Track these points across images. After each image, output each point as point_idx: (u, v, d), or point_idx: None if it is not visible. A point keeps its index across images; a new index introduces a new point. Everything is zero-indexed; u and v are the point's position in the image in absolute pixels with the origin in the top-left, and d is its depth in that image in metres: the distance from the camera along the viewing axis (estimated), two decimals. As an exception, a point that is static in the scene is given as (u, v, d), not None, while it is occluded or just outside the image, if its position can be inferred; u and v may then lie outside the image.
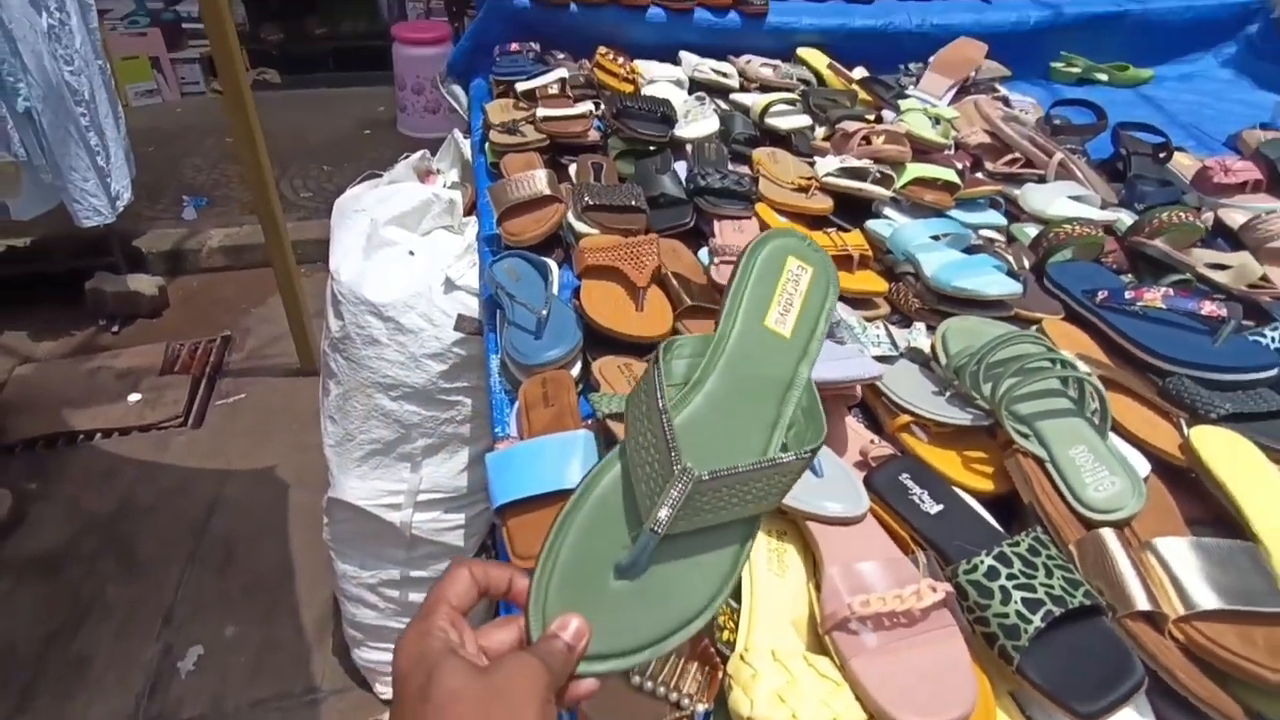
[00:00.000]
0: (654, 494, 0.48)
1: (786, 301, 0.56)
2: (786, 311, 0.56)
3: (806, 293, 0.57)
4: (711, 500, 0.48)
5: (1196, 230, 1.17)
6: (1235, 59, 2.21)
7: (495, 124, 1.46)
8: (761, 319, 0.56)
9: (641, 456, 0.49)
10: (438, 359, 1.28)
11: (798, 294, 0.57)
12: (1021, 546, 0.64)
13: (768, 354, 0.55)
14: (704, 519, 0.48)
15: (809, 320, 0.57)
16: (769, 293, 0.56)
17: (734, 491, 0.48)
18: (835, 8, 1.99)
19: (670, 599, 0.48)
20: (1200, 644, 0.61)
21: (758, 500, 0.49)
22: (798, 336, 0.56)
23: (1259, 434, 0.81)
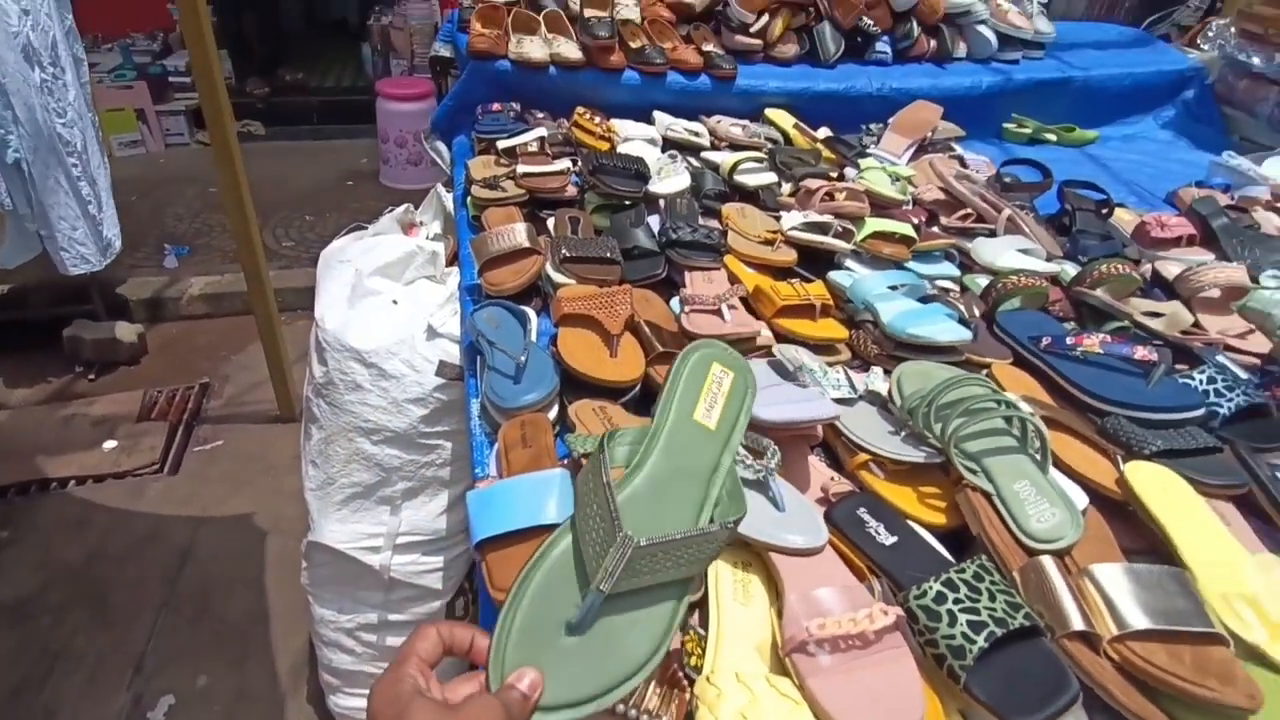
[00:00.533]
0: (599, 558, 0.55)
1: (711, 399, 0.66)
2: (712, 408, 0.65)
3: (729, 393, 0.66)
4: (649, 564, 0.56)
5: (1133, 281, 1.25)
6: (1174, 121, 2.36)
7: (477, 179, 1.52)
8: (691, 414, 0.65)
9: (589, 526, 0.57)
10: (419, 404, 1.32)
11: (721, 394, 0.66)
12: (967, 573, 0.69)
13: (697, 443, 0.64)
14: (642, 580, 0.56)
15: (731, 415, 0.66)
16: (696, 392, 0.66)
17: (668, 556, 0.56)
18: (800, 72, 2.11)
19: (613, 655, 0.56)
20: (1133, 662, 0.66)
21: (688, 564, 0.58)
22: (721, 429, 0.65)
23: (1188, 469, 0.87)
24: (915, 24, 2.21)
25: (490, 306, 1.19)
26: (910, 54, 2.22)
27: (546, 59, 1.89)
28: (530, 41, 1.90)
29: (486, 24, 1.97)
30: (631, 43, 1.98)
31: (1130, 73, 2.33)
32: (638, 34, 2.02)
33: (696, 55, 1.99)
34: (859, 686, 0.61)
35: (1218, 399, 0.98)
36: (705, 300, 1.13)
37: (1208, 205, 1.53)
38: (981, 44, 2.26)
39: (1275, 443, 0.94)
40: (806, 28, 2.16)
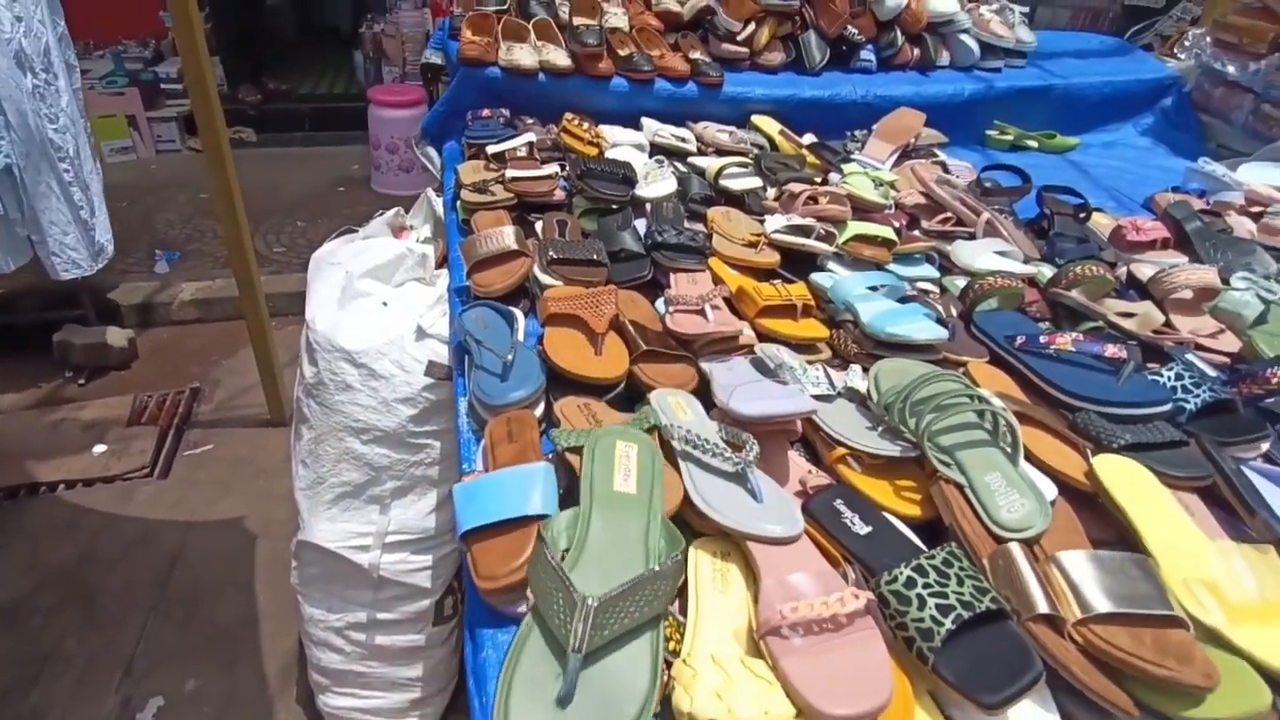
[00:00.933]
0: (566, 625, 0.59)
1: (625, 470, 0.72)
2: (627, 476, 0.71)
3: (638, 461, 0.73)
4: (614, 616, 0.60)
5: (1107, 282, 1.28)
6: (1153, 129, 2.40)
7: (467, 184, 1.55)
8: (611, 486, 0.71)
9: (550, 606, 0.61)
10: (408, 403, 1.34)
11: (632, 464, 0.72)
12: (937, 559, 0.72)
13: (625, 508, 0.70)
14: (613, 631, 0.60)
15: (646, 478, 0.72)
16: (610, 468, 0.72)
17: (628, 603, 0.60)
18: (786, 79, 2.14)
19: (615, 701, 0.59)
20: (1095, 644, 0.69)
21: (650, 605, 0.62)
22: (642, 490, 0.71)
23: (1154, 462, 0.90)
24: (899, 33, 2.25)
25: (478, 307, 1.21)
26: (894, 62, 2.26)
27: (536, 66, 1.91)
28: (520, 49, 1.93)
29: (477, 32, 2.00)
30: (620, 50, 2.01)
31: (1110, 81, 2.37)
32: (626, 42, 2.05)
33: (684, 63, 2.03)
34: (830, 667, 0.63)
35: (1185, 395, 1.01)
36: (689, 301, 1.16)
37: (1182, 210, 1.57)
38: (964, 52, 2.30)
39: (1240, 437, 0.97)
40: (792, 36, 2.20)
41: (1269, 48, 2.15)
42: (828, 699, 0.60)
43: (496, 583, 0.76)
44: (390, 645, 1.45)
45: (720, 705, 0.60)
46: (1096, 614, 0.70)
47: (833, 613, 0.66)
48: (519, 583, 0.76)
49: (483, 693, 0.74)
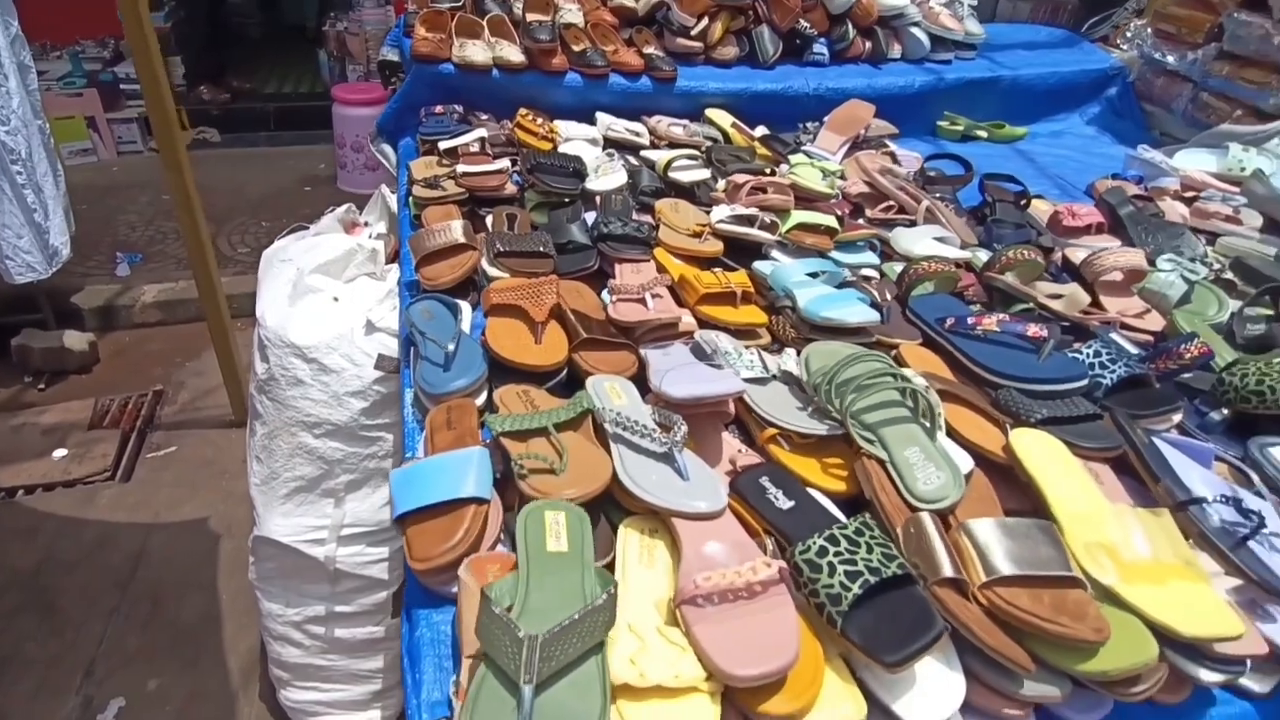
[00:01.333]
0: (516, 661, 0.61)
1: (555, 533, 0.76)
2: (558, 538, 0.75)
3: (567, 524, 0.77)
4: (559, 649, 0.62)
5: (1038, 266, 1.33)
6: (1098, 118, 2.46)
7: (418, 179, 1.56)
8: (544, 548, 0.75)
9: (499, 649, 0.63)
10: (359, 397, 1.35)
11: (561, 527, 0.76)
12: (849, 529, 0.75)
13: (560, 566, 0.74)
14: (559, 661, 0.63)
15: (576, 537, 0.76)
16: (541, 533, 0.76)
17: (571, 635, 0.63)
18: (739, 73, 2.17)
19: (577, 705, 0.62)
20: (998, 605, 0.72)
21: (590, 636, 0.65)
22: (573, 547, 0.75)
23: (1068, 435, 0.94)
24: (850, 26, 2.29)
25: (425, 300, 1.23)
26: (846, 55, 2.30)
27: (489, 62, 1.93)
28: (473, 45, 1.95)
29: (431, 28, 2.01)
30: (574, 46, 2.03)
31: (1056, 72, 2.43)
32: (580, 37, 2.07)
33: (637, 58, 2.05)
34: (739, 632, 0.66)
35: (1102, 371, 1.05)
36: (631, 290, 1.18)
37: (1116, 195, 1.62)
38: (915, 45, 2.35)
39: (1153, 410, 1.01)
40: (746, 30, 2.23)
41: (1206, 37, 2.22)
42: (734, 661, 0.63)
43: (430, 564, 0.78)
44: (349, 637, 1.47)
45: (633, 670, 0.63)
46: (1000, 576, 0.73)
47: (745, 581, 0.69)
48: (452, 563, 0.78)
49: (416, 669, 0.76)
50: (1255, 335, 1.22)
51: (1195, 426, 1.07)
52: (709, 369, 1.01)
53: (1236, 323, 1.26)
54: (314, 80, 5.33)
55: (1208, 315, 1.31)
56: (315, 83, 5.28)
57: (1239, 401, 1.05)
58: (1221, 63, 2.18)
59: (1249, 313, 1.28)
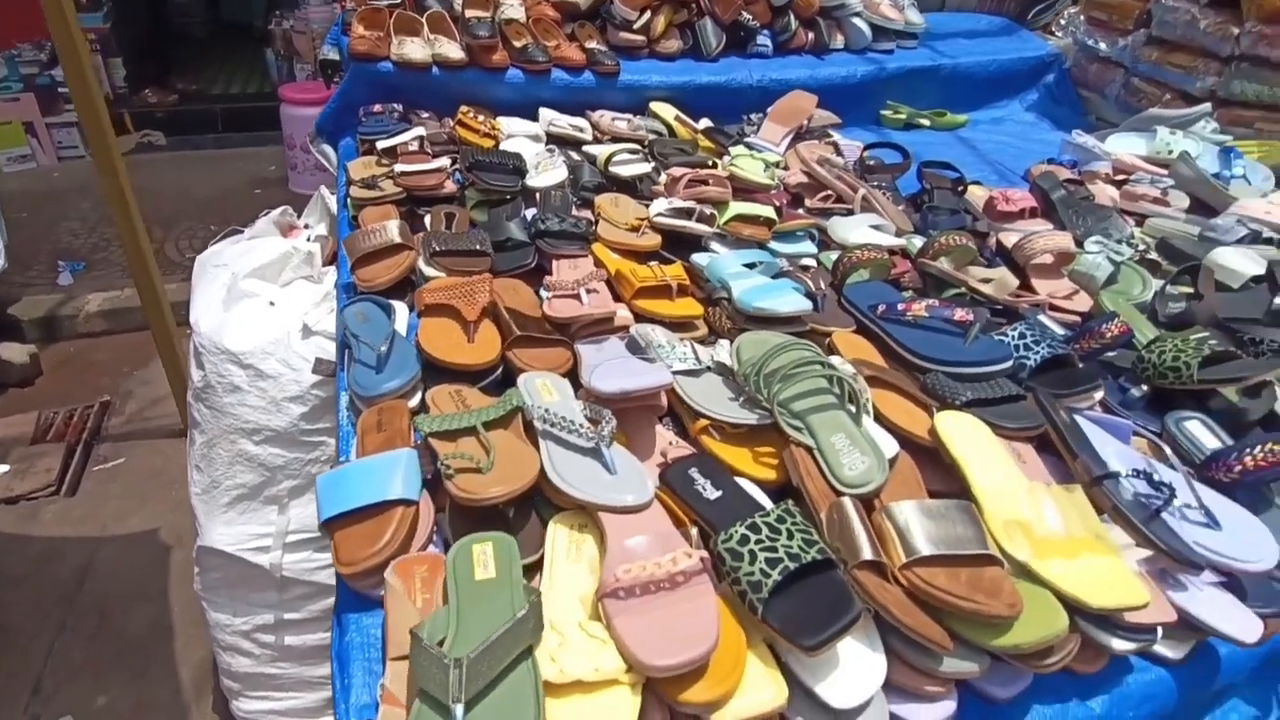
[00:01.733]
0: (444, 686, 0.61)
1: (483, 562, 0.76)
2: (485, 566, 0.75)
3: (494, 553, 0.77)
4: (486, 665, 0.63)
5: (970, 251, 1.35)
6: (1037, 104, 2.52)
7: (356, 180, 1.54)
8: (472, 577, 0.75)
9: (430, 679, 0.63)
10: (298, 402, 1.33)
11: (488, 556, 0.76)
12: (771, 516, 0.76)
13: (487, 592, 0.73)
14: (486, 677, 0.63)
15: (504, 562, 0.76)
16: (470, 565, 0.76)
17: (500, 650, 0.64)
18: (683, 66, 2.18)
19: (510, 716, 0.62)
20: (917, 585, 0.74)
21: (517, 644, 0.65)
22: (500, 572, 0.75)
23: (991, 416, 0.96)
24: (793, 17, 2.30)
25: (360, 302, 1.21)
26: (789, 46, 2.32)
27: (428, 60, 1.91)
28: (411, 43, 1.92)
29: (369, 26, 1.98)
30: (515, 41, 2.01)
31: (995, 59, 2.47)
32: (522, 33, 2.05)
33: (579, 52, 2.04)
34: (659, 623, 0.66)
35: (1026, 352, 1.08)
36: (566, 286, 1.18)
37: (1048, 180, 1.66)
38: (857, 35, 2.37)
39: (1075, 389, 1.04)
40: (689, 23, 2.23)
41: (1136, 23, 2.27)
42: (652, 651, 0.63)
43: (357, 567, 0.78)
44: (300, 645, 1.45)
45: (553, 667, 0.63)
46: (919, 557, 0.75)
47: (666, 572, 0.69)
48: (379, 566, 0.78)
49: (345, 674, 0.76)
50: (1175, 313, 1.26)
51: (1117, 403, 1.10)
52: (640, 363, 1.01)
53: (1159, 301, 1.30)
54: (262, 80, 5.22)
55: (1132, 295, 1.35)
56: (263, 83, 5.18)
57: (1157, 378, 1.08)
58: (1150, 48, 2.23)
59: (1170, 291, 1.32)
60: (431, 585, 0.75)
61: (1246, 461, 0.92)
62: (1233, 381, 1.06)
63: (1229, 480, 0.94)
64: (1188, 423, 1.04)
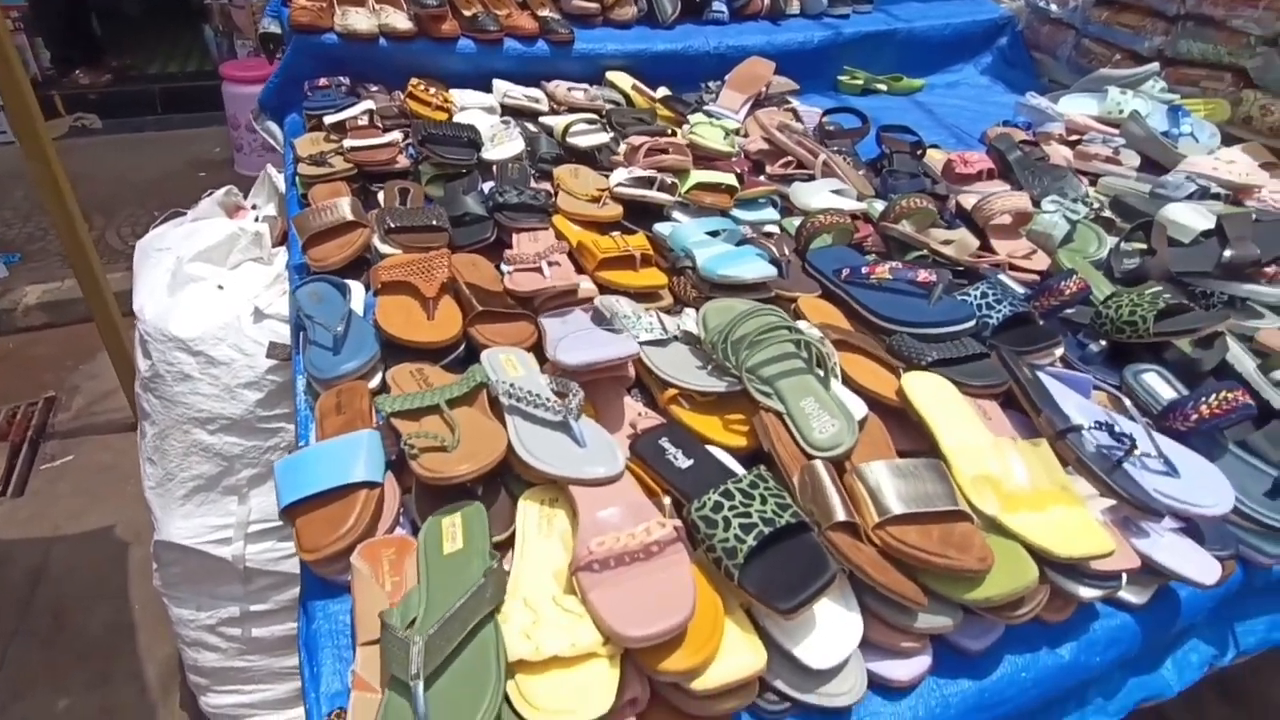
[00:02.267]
0: (405, 664, 0.60)
1: (451, 535, 0.75)
2: (454, 538, 0.75)
3: (463, 524, 0.76)
4: (444, 639, 0.62)
5: (930, 213, 1.36)
6: (991, 67, 2.53)
7: (304, 157, 1.49)
8: (441, 552, 0.73)
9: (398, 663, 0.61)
10: (253, 388, 1.29)
11: (457, 529, 0.76)
12: (744, 482, 0.75)
13: (455, 565, 0.72)
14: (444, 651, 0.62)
15: (472, 531, 0.75)
16: (439, 540, 0.75)
17: (455, 623, 0.63)
18: (638, 33, 2.14)
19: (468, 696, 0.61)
20: (890, 544, 0.74)
21: (475, 615, 0.65)
22: (469, 542, 0.74)
23: (957, 375, 0.97)
24: (748, -18, 2.27)
25: (313, 282, 1.17)
26: (745, 12, 2.29)
27: (374, 30, 1.84)
28: (356, 13, 1.85)
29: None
30: (465, 10, 1.95)
31: (949, 23, 2.47)
32: (471, 2, 1.99)
33: (532, 21, 1.99)
34: (634, 594, 0.66)
35: (988, 311, 1.09)
36: (527, 259, 1.16)
37: (1004, 142, 1.67)
38: (812, 1, 2.35)
39: (1035, 345, 1.05)
40: (644, -10, 2.19)
41: (1086, -16, 2.29)
42: (628, 622, 0.63)
43: (321, 553, 0.76)
44: (268, 636, 1.42)
45: (528, 644, 0.62)
46: (891, 515, 0.75)
47: (640, 543, 0.68)
48: (344, 551, 0.76)
49: (314, 661, 0.74)
50: (1130, 269, 1.28)
51: (1077, 359, 1.12)
52: (606, 334, 0.99)
53: (1114, 258, 1.32)
54: (202, 58, 5.02)
55: (1089, 252, 1.37)
56: (203, 60, 4.97)
57: (1114, 332, 1.10)
58: (1100, 9, 2.26)
59: (1125, 248, 1.34)
60: (400, 568, 0.73)
61: (1202, 410, 0.94)
62: (1186, 333, 1.09)
63: (1186, 429, 0.96)
64: (1145, 375, 1.07)
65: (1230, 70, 2.07)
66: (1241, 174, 1.64)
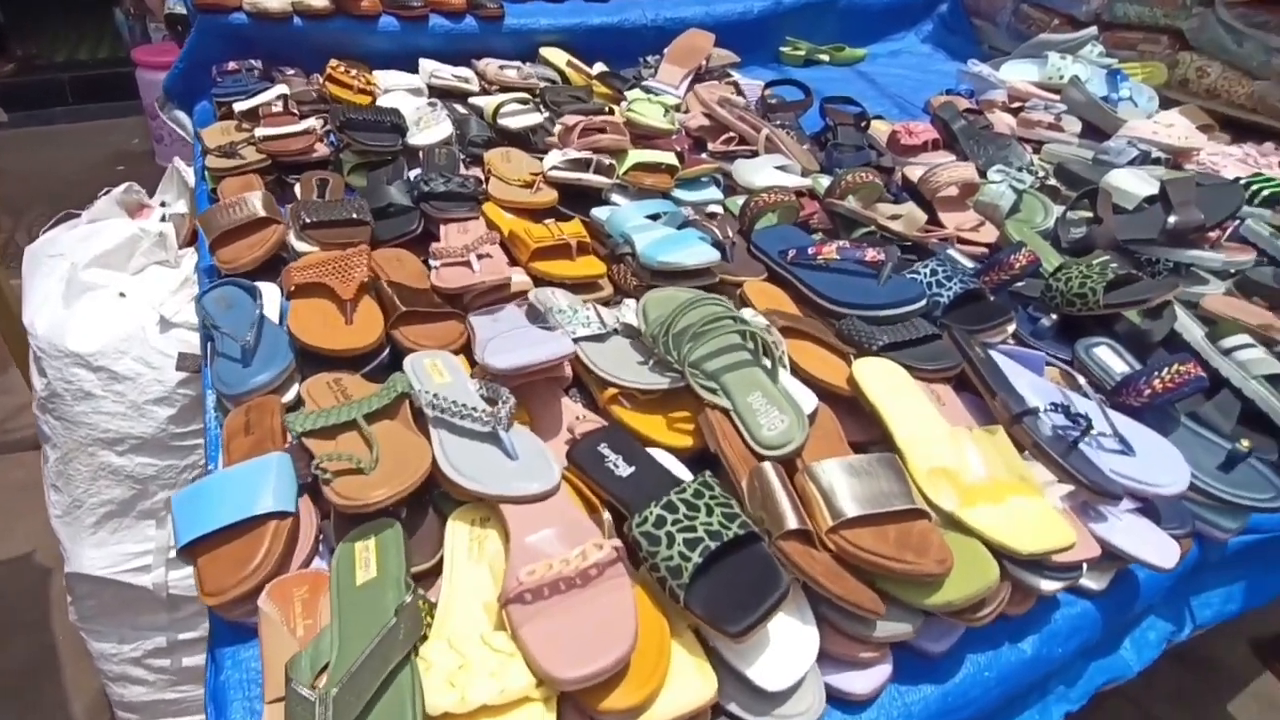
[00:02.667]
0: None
1: (364, 562, 0.68)
2: (366, 565, 0.68)
3: (377, 548, 0.69)
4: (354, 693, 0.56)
5: (876, 188, 1.31)
6: (932, 35, 2.50)
7: (212, 148, 1.38)
8: (353, 583, 0.66)
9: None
10: (164, 404, 1.19)
11: (371, 554, 0.69)
12: (687, 492, 0.70)
13: (369, 596, 0.65)
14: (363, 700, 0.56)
15: (386, 558, 0.68)
16: (351, 568, 0.68)
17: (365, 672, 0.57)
18: (572, 7, 2.04)
19: None
20: (845, 549, 0.70)
21: (389, 659, 0.59)
22: (383, 570, 0.67)
23: (908, 359, 0.93)
24: (684, -49, 2.18)
25: (222, 286, 1.08)
26: (682, -18, 2.21)
27: (287, 8, 1.72)
28: (265, -11, 1.72)
29: (214, -28, 1.76)
30: (386, -15, 1.84)
31: (890, -11, 2.43)
32: (393, -25, 1.87)
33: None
34: (570, 627, 0.60)
35: (939, 289, 1.05)
36: (454, 253, 1.08)
37: (948, 111, 1.63)
38: (751, -32, 2.28)
39: (987, 323, 1.02)
40: (574, -40, 2.09)
41: (1023, -52, 2.27)
42: (563, 662, 0.57)
43: (225, 596, 0.68)
44: (198, 665, 1.33)
45: (453, 694, 0.56)
46: (845, 519, 0.71)
47: (575, 569, 0.63)
48: (252, 592, 0.68)
49: (222, 717, 0.67)
50: (1077, 238, 1.26)
51: (1028, 334, 1.09)
52: (539, 331, 0.93)
53: (1061, 227, 1.30)
54: (114, 44, 4.73)
55: (1035, 223, 1.35)
56: (116, 46, 4.68)
57: (1065, 305, 1.07)
58: (1038, -28, 2.24)
59: (1071, 216, 1.32)
60: (313, 608, 0.66)
61: (1155, 385, 0.92)
62: (1136, 304, 1.06)
63: (1139, 404, 0.94)
64: (1096, 349, 1.04)
65: (1166, 32, 2.07)
66: (1181, 137, 1.63)
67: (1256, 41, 1.85)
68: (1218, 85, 1.96)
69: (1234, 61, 1.92)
